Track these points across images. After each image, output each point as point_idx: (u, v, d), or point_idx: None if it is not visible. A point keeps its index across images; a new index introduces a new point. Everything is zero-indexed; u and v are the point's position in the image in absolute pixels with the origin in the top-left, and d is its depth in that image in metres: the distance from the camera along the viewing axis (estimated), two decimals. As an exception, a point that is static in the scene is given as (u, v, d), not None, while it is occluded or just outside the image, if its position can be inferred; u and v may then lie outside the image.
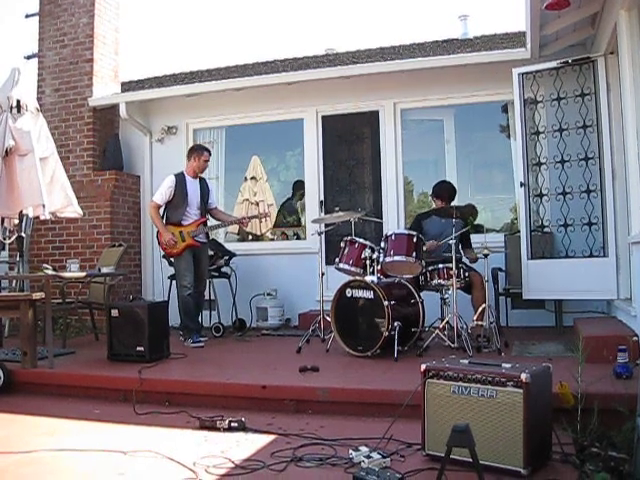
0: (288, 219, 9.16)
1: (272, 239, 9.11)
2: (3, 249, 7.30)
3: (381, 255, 5.95)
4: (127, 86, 9.81)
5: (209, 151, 7.11)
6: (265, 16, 29.94)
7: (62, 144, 8.45)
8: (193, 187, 6.92)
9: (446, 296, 6.11)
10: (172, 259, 7.00)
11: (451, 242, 5.74)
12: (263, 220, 8.45)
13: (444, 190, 6.58)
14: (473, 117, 8.21)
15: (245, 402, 4.57)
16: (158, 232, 6.88)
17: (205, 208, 7.02)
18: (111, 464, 3.47)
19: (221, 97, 8.52)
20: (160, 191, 6.87)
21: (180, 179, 6.87)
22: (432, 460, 3.27)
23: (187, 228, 6.79)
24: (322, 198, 8.40)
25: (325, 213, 8.07)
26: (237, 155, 9.17)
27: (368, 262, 5.93)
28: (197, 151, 7.03)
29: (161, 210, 6.90)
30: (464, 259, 6.36)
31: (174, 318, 6.68)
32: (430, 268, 6.03)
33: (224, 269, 7.77)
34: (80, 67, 8.80)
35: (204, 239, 7.00)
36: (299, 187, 8.91)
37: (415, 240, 5.86)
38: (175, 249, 6.75)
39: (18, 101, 6.09)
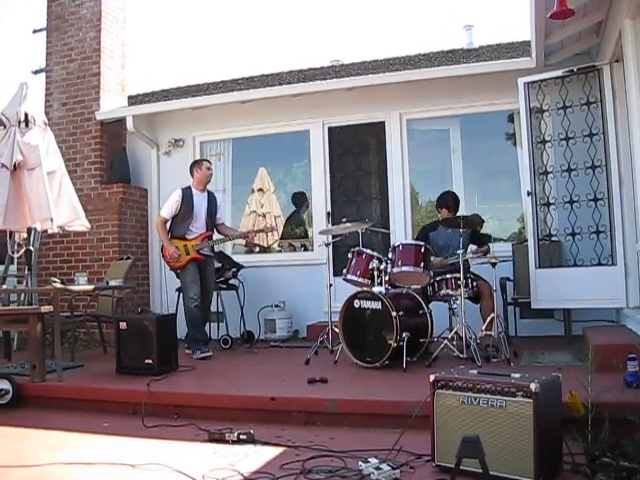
0: (296, 231, 9.17)
1: (280, 251, 9.12)
2: (12, 263, 7.33)
3: (389, 266, 5.94)
4: (134, 99, 9.88)
5: (208, 161, 7.21)
6: (271, 28, 30.11)
7: (70, 158, 8.48)
8: (200, 201, 6.94)
9: (454, 306, 6.11)
10: (178, 272, 7.00)
11: (459, 252, 5.73)
12: (270, 233, 8.47)
13: (448, 200, 6.58)
14: (479, 126, 8.21)
15: (254, 414, 4.55)
16: (162, 246, 6.95)
17: (212, 222, 7.04)
18: (120, 477, 3.47)
19: (227, 109, 8.55)
20: (167, 205, 6.93)
21: (187, 193, 6.90)
22: (442, 471, 3.25)
23: (191, 242, 6.81)
24: (329, 209, 8.40)
25: (332, 224, 8.08)
26: (244, 167, 9.19)
27: (376, 273, 5.92)
28: (197, 163, 7.13)
29: (168, 224, 6.95)
30: (472, 269, 6.35)
31: (182, 330, 6.69)
32: (438, 278, 6.03)
33: (232, 281, 7.77)
34: (87, 81, 8.86)
35: (209, 252, 7.02)
36: (301, 199, 8.96)
37: (423, 250, 5.85)
38: (179, 263, 6.77)
39: (26, 115, 6.13)
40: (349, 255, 6.29)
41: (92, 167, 8.76)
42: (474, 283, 6.00)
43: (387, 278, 5.94)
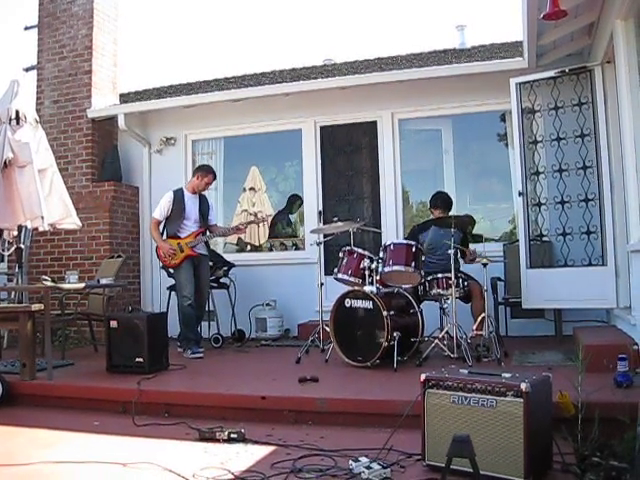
0: (285, 230, 9.14)
1: (271, 249, 9.11)
2: (2, 261, 7.30)
3: (380, 265, 5.94)
4: (126, 97, 9.85)
5: (215, 175, 7.17)
6: (263, 26, 30.06)
7: (61, 156, 8.43)
8: (191, 203, 6.99)
9: (445, 306, 6.11)
10: (172, 270, 7.00)
11: (450, 252, 5.74)
12: (261, 225, 8.46)
13: (441, 200, 6.58)
14: (471, 127, 8.23)
15: (244, 413, 4.55)
16: (157, 246, 6.96)
17: (205, 222, 7.04)
18: (110, 476, 3.46)
19: (219, 108, 8.53)
20: (159, 207, 7.00)
21: (179, 195, 6.97)
22: (432, 470, 3.26)
23: (185, 240, 6.82)
24: (320, 208, 8.40)
25: (324, 223, 8.07)
26: (236, 166, 9.18)
27: (367, 272, 5.92)
28: (203, 171, 7.08)
29: (161, 226, 7.01)
30: (462, 268, 6.35)
31: (173, 329, 6.68)
32: (429, 278, 6.04)
33: (223, 280, 7.76)
34: (79, 79, 8.82)
35: (204, 251, 7.02)
36: (294, 200, 8.96)
37: (414, 250, 5.85)
38: (174, 260, 6.78)
39: (17, 113, 6.10)
40: (340, 254, 6.29)
41: (83, 165, 8.73)
42: (465, 283, 6.02)
43: (378, 277, 5.94)
